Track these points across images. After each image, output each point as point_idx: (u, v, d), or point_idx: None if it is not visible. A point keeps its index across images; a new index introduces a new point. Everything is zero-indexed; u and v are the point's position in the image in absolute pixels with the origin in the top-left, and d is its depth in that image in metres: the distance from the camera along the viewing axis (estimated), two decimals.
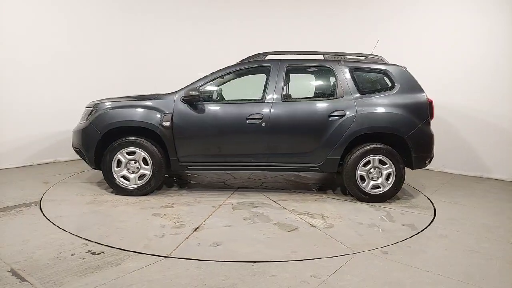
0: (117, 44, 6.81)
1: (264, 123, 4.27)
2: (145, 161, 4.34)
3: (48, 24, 5.95)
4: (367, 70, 4.50)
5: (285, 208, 4.05)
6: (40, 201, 4.08)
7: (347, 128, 4.23)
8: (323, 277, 2.56)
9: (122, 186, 4.35)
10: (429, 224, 3.67)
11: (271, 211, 3.96)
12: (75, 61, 6.29)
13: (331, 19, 7.14)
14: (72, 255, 2.79)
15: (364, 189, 4.28)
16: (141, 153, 4.32)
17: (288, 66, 4.49)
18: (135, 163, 4.35)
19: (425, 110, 4.27)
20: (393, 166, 4.23)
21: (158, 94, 4.55)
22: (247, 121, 4.28)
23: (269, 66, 4.49)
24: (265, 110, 4.30)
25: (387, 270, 2.68)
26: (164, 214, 3.78)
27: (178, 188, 4.81)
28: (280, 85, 4.40)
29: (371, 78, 4.59)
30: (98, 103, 4.54)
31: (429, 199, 4.50)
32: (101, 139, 4.33)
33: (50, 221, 3.48)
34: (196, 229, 3.41)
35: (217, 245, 3.07)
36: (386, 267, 2.73)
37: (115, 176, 4.35)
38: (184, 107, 4.34)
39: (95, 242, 3.03)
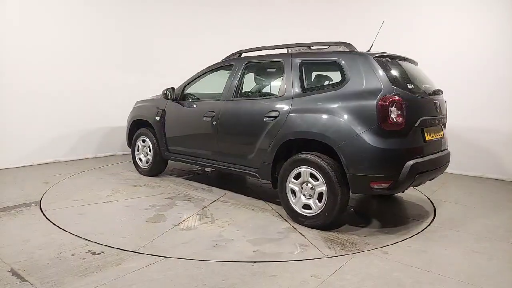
0: (118, 44, 6.81)
1: (214, 121, 4.29)
2: (149, 148, 5.21)
3: (50, 25, 5.95)
4: (317, 62, 3.83)
5: (204, 207, 4.00)
6: (40, 201, 4.08)
7: (277, 131, 3.66)
8: (323, 277, 2.56)
9: (139, 165, 5.43)
10: (429, 224, 3.67)
11: (185, 205, 4.06)
12: (76, 61, 6.30)
13: (331, 15, 7.14)
14: (72, 255, 2.79)
15: (293, 206, 3.56)
16: (148, 142, 5.21)
17: (246, 63, 4.28)
18: (146, 149, 5.27)
19: (371, 113, 3.13)
20: (325, 183, 3.32)
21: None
22: (203, 119, 4.40)
23: (232, 64, 4.44)
24: (217, 109, 4.30)
25: (387, 270, 2.68)
26: (119, 190, 4.61)
27: (186, 179, 5.34)
28: (234, 83, 4.26)
29: (322, 71, 4.00)
30: (137, 101, 5.60)
31: (429, 199, 4.50)
32: (130, 129, 5.51)
33: (50, 221, 3.48)
34: (102, 203, 4.08)
35: (80, 215, 3.70)
36: (386, 267, 2.73)
37: (136, 157, 5.46)
38: (171, 105, 4.92)
39: (95, 242, 3.03)
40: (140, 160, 5.40)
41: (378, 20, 4.17)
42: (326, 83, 3.87)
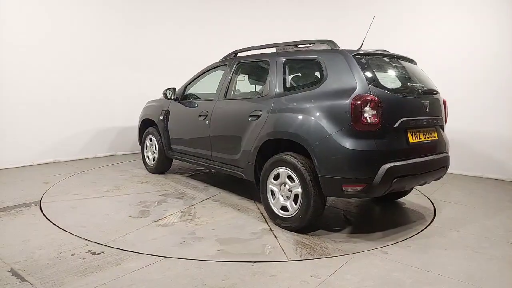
0: (118, 44, 6.81)
1: (207, 121, 4.34)
2: (155, 147, 5.40)
3: (52, 24, 5.95)
4: (299, 61, 3.71)
5: (191, 205, 4.08)
6: (40, 201, 4.08)
7: (259, 131, 3.61)
8: (323, 277, 2.56)
9: (147, 163, 5.64)
10: (429, 224, 3.67)
11: (174, 202, 4.16)
12: (78, 62, 6.30)
13: (332, 17, 7.15)
14: (72, 255, 2.79)
15: (272, 207, 3.50)
16: (154, 141, 5.39)
17: (237, 63, 4.30)
18: (153, 147, 5.47)
19: (344, 113, 3.00)
20: (300, 185, 3.23)
21: None
22: (198, 118, 4.46)
23: (225, 64, 4.47)
24: (210, 108, 4.35)
25: (387, 270, 2.68)
26: (121, 186, 4.83)
27: (190, 177, 5.50)
28: (225, 83, 4.29)
29: (303, 70, 3.86)
30: (148, 101, 5.75)
31: (429, 199, 4.50)
32: (141, 128, 5.71)
33: (50, 221, 3.48)
34: (97, 198, 4.29)
35: (72, 208, 3.90)
36: (386, 267, 2.73)
37: (145, 155, 5.68)
38: (174, 105, 5.03)
39: (95, 242, 3.03)
40: (148, 158, 5.61)
41: (380, 19, 4.15)
42: (307, 82, 3.74)
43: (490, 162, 5.69)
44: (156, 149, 5.39)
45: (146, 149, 5.64)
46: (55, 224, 3.41)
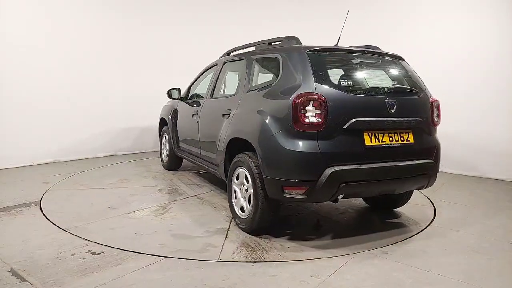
0: (118, 43, 6.81)
1: (197, 119, 4.45)
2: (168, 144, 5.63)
3: (52, 26, 5.95)
4: (265, 59, 3.64)
5: (174, 200, 4.20)
6: (40, 201, 4.08)
7: (227, 130, 3.60)
8: (323, 277, 2.56)
9: (163, 160, 5.90)
10: (429, 224, 3.66)
11: (160, 197, 4.33)
12: (77, 61, 6.30)
13: (332, 16, 7.14)
14: (72, 255, 2.79)
15: (234, 207, 3.43)
16: (166, 138, 5.65)
17: (225, 63, 4.34)
18: (167, 145, 5.68)
19: (286, 113, 2.84)
20: (252, 186, 3.12)
21: None
22: (192, 117, 4.60)
23: (216, 64, 4.55)
24: (199, 107, 4.47)
25: (387, 270, 2.68)
26: (126, 179, 5.11)
27: (196, 174, 5.64)
28: (212, 82, 4.40)
29: (267, 68, 3.72)
30: (168, 101, 5.84)
31: (429, 199, 4.50)
32: (159, 127, 6.03)
33: (50, 221, 3.48)
34: (95, 189, 4.55)
35: (67, 196, 4.19)
36: (386, 267, 2.73)
37: (161, 152, 5.94)
38: (180, 104, 5.18)
39: (95, 242, 3.03)
40: (163, 155, 5.90)
41: (380, 19, 4.15)
42: (267, 80, 3.55)
43: (490, 162, 5.69)
44: (168, 147, 5.65)
45: (162, 146, 5.92)
46: (55, 224, 3.41)
